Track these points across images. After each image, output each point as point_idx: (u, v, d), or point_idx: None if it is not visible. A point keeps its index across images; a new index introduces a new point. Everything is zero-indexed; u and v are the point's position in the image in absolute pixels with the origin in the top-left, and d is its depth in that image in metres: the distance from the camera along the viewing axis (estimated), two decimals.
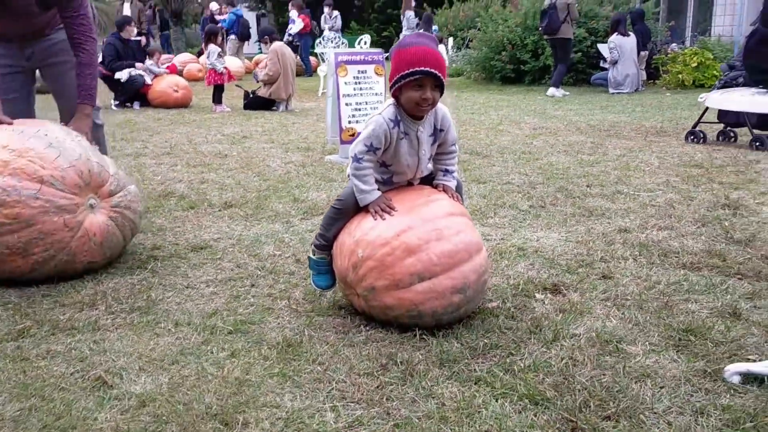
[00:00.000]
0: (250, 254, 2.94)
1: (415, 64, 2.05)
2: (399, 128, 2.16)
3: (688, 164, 4.82)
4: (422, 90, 2.08)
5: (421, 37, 2.16)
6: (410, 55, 2.07)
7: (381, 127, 2.14)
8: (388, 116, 2.15)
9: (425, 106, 2.11)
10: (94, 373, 1.89)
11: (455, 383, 1.82)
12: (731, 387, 1.79)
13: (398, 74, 2.08)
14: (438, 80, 2.09)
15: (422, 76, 2.06)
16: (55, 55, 3.14)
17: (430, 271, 2.07)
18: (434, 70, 2.06)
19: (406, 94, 2.10)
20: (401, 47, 2.12)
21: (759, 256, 2.83)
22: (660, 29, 12.80)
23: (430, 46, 2.11)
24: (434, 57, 2.08)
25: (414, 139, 2.19)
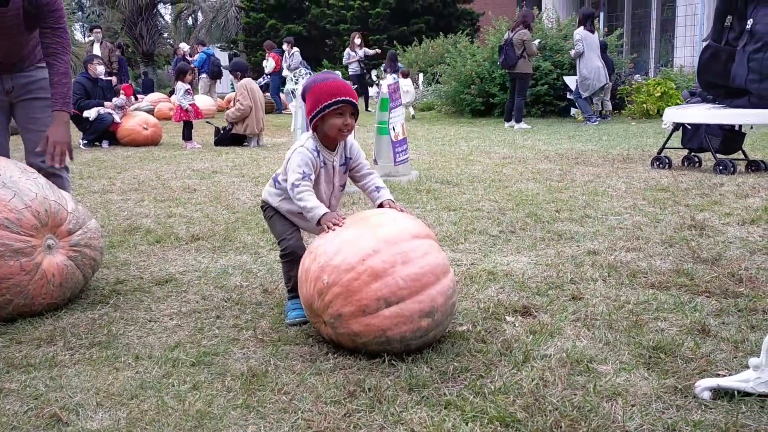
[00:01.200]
0: (217, 286, 2.88)
1: (337, 95, 2.30)
2: (319, 158, 2.38)
3: (655, 188, 4.89)
4: (343, 117, 2.32)
5: (329, 74, 2.46)
6: (330, 88, 2.32)
7: (307, 155, 2.34)
8: (309, 147, 2.36)
9: (346, 131, 2.35)
10: (48, 410, 1.80)
11: (425, 408, 1.78)
12: (702, 403, 1.77)
13: (320, 105, 2.31)
14: (354, 108, 2.35)
15: (343, 104, 2.30)
16: (34, 91, 3.17)
17: (397, 295, 2.03)
18: (352, 98, 2.33)
19: (329, 122, 2.32)
20: (318, 82, 2.37)
21: (725, 274, 2.85)
22: (623, 61, 13.13)
23: (342, 81, 2.40)
24: (347, 88, 2.35)
25: (330, 169, 2.43)
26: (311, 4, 27.41)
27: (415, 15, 25.46)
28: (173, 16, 34.63)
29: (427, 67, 18.01)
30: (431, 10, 25.78)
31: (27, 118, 3.19)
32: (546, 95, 12.00)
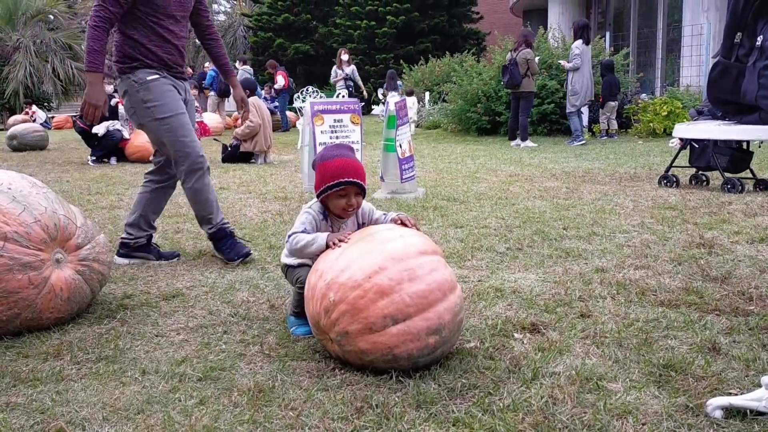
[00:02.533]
0: (224, 301, 2.88)
1: (340, 176, 2.29)
2: (327, 222, 2.41)
3: (662, 206, 4.88)
4: (347, 198, 2.33)
5: (339, 148, 2.39)
6: (334, 168, 2.30)
7: (311, 215, 2.38)
8: (316, 210, 2.39)
9: (351, 210, 2.37)
10: (55, 424, 1.80)
11: (432, 425, 1.76)
12: (714, 422, 1.75)
13: (324, 185, 2.32)
14: (360, 188, 2.34)
15: (347, 186, 2.31)
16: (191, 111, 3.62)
17: (404, 312, 2.02)
18: (357, 180, 2.32)
19: (333, 201, 2.35)
20: (323, 161, 2.35)
21: (735, 292, 2.83)
22: (630, 81, 13.17)
23: (350, 157, 2.35)
24: (354, 167, 2.32)
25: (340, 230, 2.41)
26: (318, 24, 27.68)
27: (421, 34, 25.67)
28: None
29: (434, 85, 18.12)
30: (438, 30, 25.99)
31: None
32: (552, 114, 12.02)
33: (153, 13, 3.33)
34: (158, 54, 3.38)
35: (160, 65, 3.40)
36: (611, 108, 11.43)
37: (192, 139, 3.46)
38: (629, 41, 18.00)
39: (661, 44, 17.04)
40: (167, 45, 3.41)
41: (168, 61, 3.42)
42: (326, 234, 2.28)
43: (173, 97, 3.42)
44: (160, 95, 3.38)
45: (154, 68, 3.38)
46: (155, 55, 3.38)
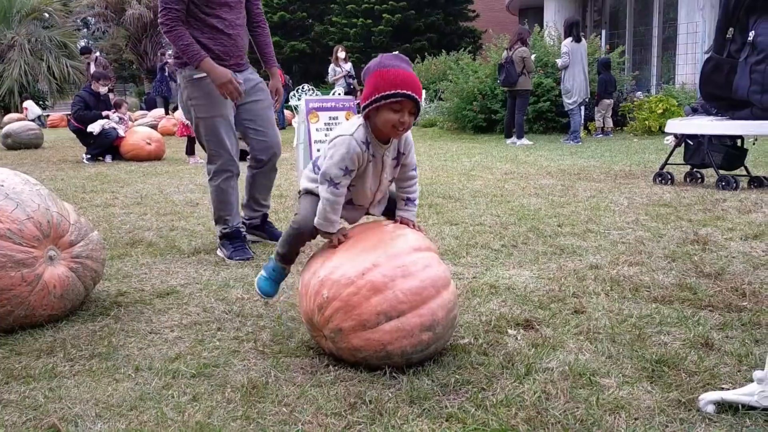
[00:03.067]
0: (218, 298, 2.87)
1: (399, 86, 2.01)
2: (369, 150, 2.13)
3: (657, 204, 4.89)
4: (401, 113, 2.05)
5: (400, 60, 2.09)
6: (393, 76, 2.01)
7: (354, 150, 2.09)
8: (359, 138, 2.10)
9: (401, 129, 2.09)
10: (47, 421, 1.79)
11: (426, 420, 1.76)
12: (706, 416, 1.76)
13: (378, 94, 2.02)
14: (416, 106, 2.07)
15: (403, 99, 2.02)
16: (256, 93, 3.62)
17: (398, 309, 2.02)
18: (416, 95, 2.04)
19: (384, 115, 2.05)
20: (383, 67, 2.04)
21: (729, 288, 2.84)
22: (625, 78, 13.19)
23: (411, 71, 2.07)
24: (415, 82, 2.05)
25: (379, 162, 2.18)
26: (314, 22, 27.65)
27: (417, 33, 25.65)
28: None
29: (430, 84, 18.11)
30: (434, 28, 25.98)
31: (255, 121, 3.62)
32: (548, 112, 12.03)
33: (206, 3, 3.37)
34: (209, 47, 3.40)
35: (212, 57, 3.39)
36: (606, 106, 11.45)
37: (227, 142, 3.50)
38: (625, 39, 18.01)
39: (657, 42, 17.06)
40: (220, 36, 3.44)
41: (220, 54, 3.44)
42: (338, 228, 2.17)
43: (217, 97, 3.42)
44: (203, 94, 3.43)
45: None
46: (207, 49, 3.39)
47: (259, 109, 3.62)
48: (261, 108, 3.63)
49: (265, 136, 3.67)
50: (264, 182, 3.84)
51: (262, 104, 3.63)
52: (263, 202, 3.88)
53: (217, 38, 3.43)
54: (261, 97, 3.64)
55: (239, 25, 3.53)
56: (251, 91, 3.60)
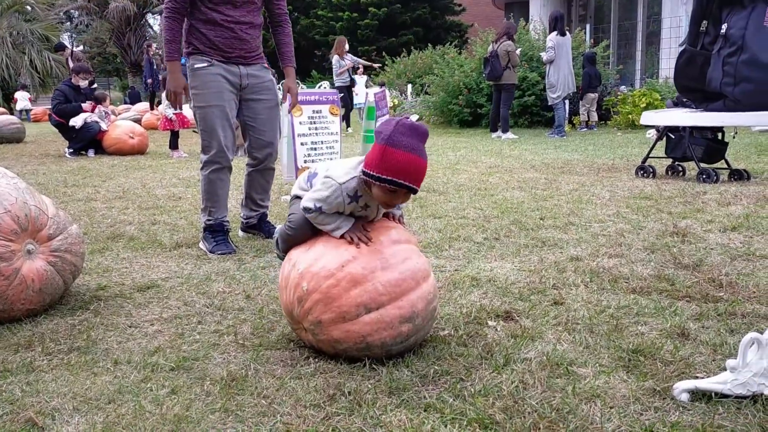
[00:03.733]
0: (199, 292, 2.87)
1: (399, 176, 1.94)
2: (356, 203, 2.09)
3: (638, 196, 4.93)
4: (395, 197, 2.02)
5: (414, 136, 1.95)
6: (397, 162, 1.92)
7: (336, 199, 2.06)
8: (347, 191, 2.06)
9: (392, 207, 2.14)
10: (24, 415, 1.78)
11: (404, 411, 1.77)
12: (680, 404, 1.78)
13: (377, 173, 1.95)
14: (413, 193, 2.03)
15: (400, 189, 1.98)
16: (261, 91, 3.62)
17: (377, 301, 2.03)
18: (416, 186, 1.98)
19: (377, 191, 2.01)
20: (393, 146, 1.93)
21: (706, 279, 2.87)
22: (609, 73, 13.26)
23: (419, 154, 1.95)
24: (418, 170, 1.96)
25: (372, 210, 2.16)
26: (300, 16, 27.53)
27: (403, 26, 25.65)
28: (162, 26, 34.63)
29: (416, 78, 18.12)
30: (420, 22, 25.98)
31: (255, 119, 3.65)
32: (533, 106, 12.09)
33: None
34: (211, 39, 3.45)
35: (214, 51, 3.46)
36: (591, 100, 11.52)
37: (221, 134, 3.50)
38: (609, 34, 18.12)
39: (641, 37, 17.18)
40: (221, 29, 3.45)
41: (220, 45, 3.46)
42: (349, 224, 2.09)
43: (217, 87, 3.47)
44: (202, 84, 3.48)
45: (206, 55, 3.47)
46: (208, 40, 3.46)
47: (260, 108, 3.64)
48: (263, 107, 3.64)
49: (262, 135, 3.68)
50: (260, 181, 3.83)
51: (264, 104, 3.64)
52: (260, 203, 3.86)
53: (217, 31, 3.46)
54: (265, 96, 3.64)
55: (245, 23, 3.50)
56: (256, 88, 3.61)
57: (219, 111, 3.49)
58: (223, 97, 3.49)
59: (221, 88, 3.47)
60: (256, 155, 3.74)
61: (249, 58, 3.57)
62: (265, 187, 3.86)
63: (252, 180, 3.82)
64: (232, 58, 3.50)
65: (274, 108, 3.70)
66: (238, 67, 3.52)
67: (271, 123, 3.68)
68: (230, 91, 3.52)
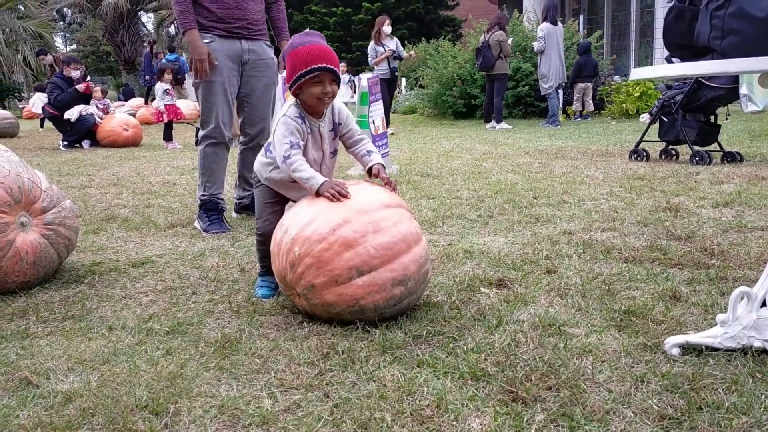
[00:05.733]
0: (193, 266, 2.88)
1: (313, 62, 2.16)
2: (305, 123, 2.27)
3: (632, 177, 4.95)
4: (322, 85, 2.19)
5: (309, 35, 2.25)
6: (305, 54, 2.17)
7: (291, 124, 2.22)
8: (293, 114, 2.25)
9: (327, 99, 2.23)
10: (19, 374, 1.79)
11: (397, 367, 1.79)
12: (671, 358, 1.80)
13: (297, 73, 2.18)
14: (335, 74, 2.21)
15: (321, 73, 2.17)
16: (259, 68, 3.65)
17: (369, 264, 2.04)
18: (331, 65, 2.18)
19: (307, 90, 2.21)
20: (294, 47, 2.21)
21: (698, 249, 2.89)
22: (603, 62, 13.29)
23: (322, 44, 2.22)
24: (328, 53, 2.19)
25: (317, 135, 2.32)
26: (294, 11, 27.46)
27: (397, 21, 25.57)
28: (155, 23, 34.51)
29: (410, 71, 18.10)
30: (414, 17, 25.94)
31: (250, 95, 3.67)
32: (527, 96, 12.10)
33: None
34: (214, 11, 3.49)
35: (217, 22, 3.50)
36: (581, 89, 11.53)
37: (218, 109, 3.55)
38: (603, 26, 18.14)
39: (635, 28, 17.20)
40: (224, 1, 3.49)
41: (223, 16, 3.50)
42: (323, 180, 2.16)
43: (217, 64, 3.50)
44: None
45: (209, 31, 3.50)
46: (211, 13, 3.49)
47: (255, 84, 3.66)
48: (258, 84, 3.66)
49: (255, 111, 3.71)
50: (252, 160, 3.81)
51: (260, 81, 3.66)
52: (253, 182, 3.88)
53: (219, 2, 3.49)
54: (261, 73, 3.66)
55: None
56: (256, 65, 3.63)
57: (219, 87, 3.52)
58: (223, 73, 3.51)
59: (222, 64, 3.49)
60: (248, 131, 3.77)
61: (252, 31, 3.59)
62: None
63: (245, 159, 3.82)
64: (235, 31, 3.53)
65: (270, 86, 3.73)
66: (240, 41, 3.55)
67: (265, 100, 3.71)
68: (230, 67, 3.54)
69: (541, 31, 10.37)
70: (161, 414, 1.56)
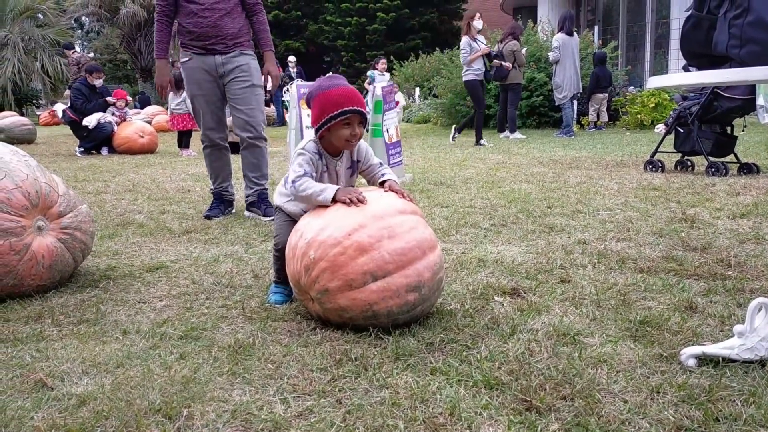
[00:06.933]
0: (207, 272, 2.89)
1: (344, 105, 2.21)
2: (321, 161, 2.32)
3: (647, 188, 4.92)
4: (351, 127, 2.25)
5: (335, 79, 2.32)
6: (336, 96, 2.22)
7: (307, 157, 2.28)
8: (310, 150, 2.30)
9: (354, 141, 2.29)
10: (34, 377, 1.80)
11: (410, 374, 1.78)
12: (687, 369, 1.78)
13: (326, 116, 2.22)
14: (363, 117, 2.27)
15: (351, 115, 2.23)
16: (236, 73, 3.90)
17: (384, 269, 2.04)
18: (360, 108, 2.24)
19: (336, 133, 2.26)
20: (323, 90, 2.26)
21: (714, 260, 2.86)
22: (618, 73, 13.24)
23: (349, 87, 2.28)
24: (357, 96, 2.26)
25: (333, 173, 2.37)
26: (309, 21, 27.66)
27: (411, 31, 25.71)
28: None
29: (424, 81, 18.15)
30: (428, 27, 26.05)
31: (236, 100, 3.94)
32: (541, 106, 12.08)
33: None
34: (189, 29, 3.84)
35: (193, 39, 3.85)
36: (600, 100, 11.50)
37: (204, 118, 3.98)
38: (618, 37, 18.10)
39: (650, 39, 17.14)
40: (196, 19, 3.81)
41: (199, 34, 3.82)
42: (336, 187, 2.18)
43: (194, 79, 3.91)
44: (186, 76, 3.96)
45: (188, 48, 3.88)
46: (189, 32, 3.85)
47: (236, 89, 3.92)
48: (238, 88, 3.92)
49: (242, 114, 3.94)
50: (250, 159, 4.09)
51: (239, 84, 3.91)
52: (256, 180, 4.10)
53: (194, 21, 3.81)
54: (238, 76, 3.91)
55: (219, 9, 3.81)
56: (232, 73, 3.91)
57: (201, 99, 3.94)
58: (202, 86, 3.92)
59: (199, 79, 3.89)
60: (239, 134, 4.03)
61: (228, 46, 3.86)
62: (256, 165, 4.10)
63: (244, 159, 4.11)
64: (210, 47, 3.82)
65: (250, 87, 3.92)
66: (215, 57, 3.85)
67: (247, 101, 3.92)
68: (209, 80, 3.88)
69: (557, 41, 10.37)
70: (174, 418, 1.56)
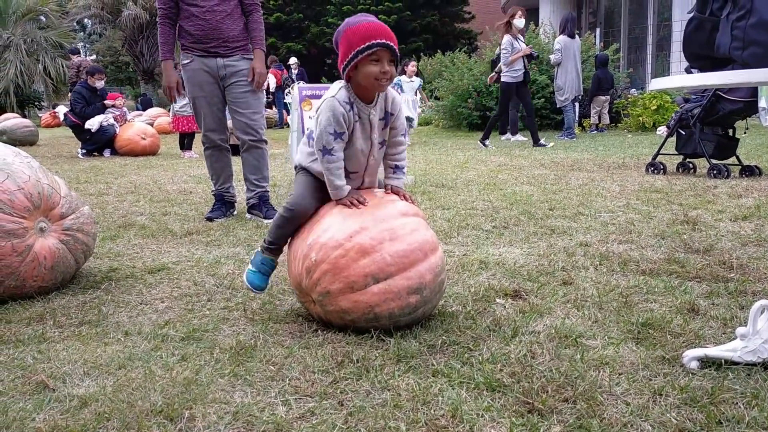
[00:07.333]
0: (209, 273, 2.88)
1: (372, 38, 2.00)
2: (353, 110, 2.11)
3: (649, 190, 4.91)
4: (380, 64, 2.03)
5: (365, 16, 2.10)
6: (363, 30, 2.02)
7: (338, 110, 2.07)
8: (342, 98, 2.08)
9: (385, 81, 2.06)
10: (35, 378, 1.80)
11: (412, 376, 1.78)
12: (689, 371, 1.77)
13: (354, 50, 2.01)
14: (394, 54, 2.05)
15: (379, 49, 2.01)
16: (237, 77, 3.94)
17: (385, 271, 2.03)
18: (390, 42, 2.03)
19: (364, 70, 2.04)
20: (350, 25, 2.05)
21: (717, 262, 2.86)
22: (620, 75, 13.24)
23: (378, 22, 2.07)
24: (387, 30, 2.05)
25: (366, 123, 2.15)
26: (311, 23, 27.67)
27: (413, 34, 25.70)
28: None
29: (426, 83, 18.14)
30: (429, 29, 26.05)
31: (235, 103, 3.98)
32: (543, 109, 12.08)
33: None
34: (190, 32, 3.87)
35: (194, 42, 3.88)
36: (602, 102, 11.50)
37: (204, 119, 4.02)
38: (620, 40, 18.10)
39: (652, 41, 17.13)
40: (197, 21, 3.84)
41: (200, 37, 3.86)
42: (348, 188, 2.14)
43: (197, 80, 3.94)
44: (187, 78, 3.99)
45: (189, 50, 3.91)
46: (189, 34, 3.88)
47: (236, 92, 3.97)
48: (238, 92, 3.97)
49: (241, 116, 3.98)
50: (251, 161, 4.13)
51: (239, 88, 3.97)
52: (256, 183, 4.13)
53: (195, 23, 3.84)
54: (238, 81, 3.96)
55: (219, 12, 3.84)
56: (232, 77, 3.94)
57: (202, 100, 3.97)
58: (204, 88, 3.95)
59: (201, 81, 3.93)
60: (239, 136, 4.07)
61: (229, 48, 3.89)
62: (257, 167, 4.13)
63: (244, 161, 4.14)
64: (212, 50, 3.85)
65: (249, 91, 3.96)
66: (216, 59, 3.88)
67: (247, 104, 3.96)
68: (210, 82, 3.92)
69: (558, 43, 10.36)
70: (176, 419, 1.56)
